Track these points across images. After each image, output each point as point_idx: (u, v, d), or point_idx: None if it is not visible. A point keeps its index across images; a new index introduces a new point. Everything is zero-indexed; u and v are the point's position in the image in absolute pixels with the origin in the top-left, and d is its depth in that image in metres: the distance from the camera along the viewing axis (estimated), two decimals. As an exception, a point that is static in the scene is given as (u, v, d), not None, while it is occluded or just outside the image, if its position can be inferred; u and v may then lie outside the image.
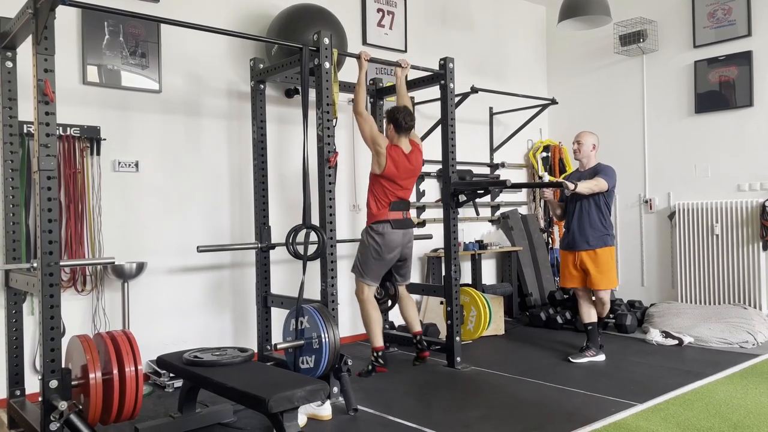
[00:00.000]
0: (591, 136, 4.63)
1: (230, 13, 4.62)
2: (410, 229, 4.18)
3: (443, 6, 6.09)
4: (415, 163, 4.15)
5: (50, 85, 2.73)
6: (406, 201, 4.15)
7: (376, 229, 4.04)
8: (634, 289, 6.24)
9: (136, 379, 2.81)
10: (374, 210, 4.06)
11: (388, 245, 4.04)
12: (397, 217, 4.06)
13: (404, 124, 4.06)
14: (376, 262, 4.08)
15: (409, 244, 4.20)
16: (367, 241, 4.08)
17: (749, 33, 5.49)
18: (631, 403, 3.46)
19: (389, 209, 4.04)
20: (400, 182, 4.07)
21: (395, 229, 4.04)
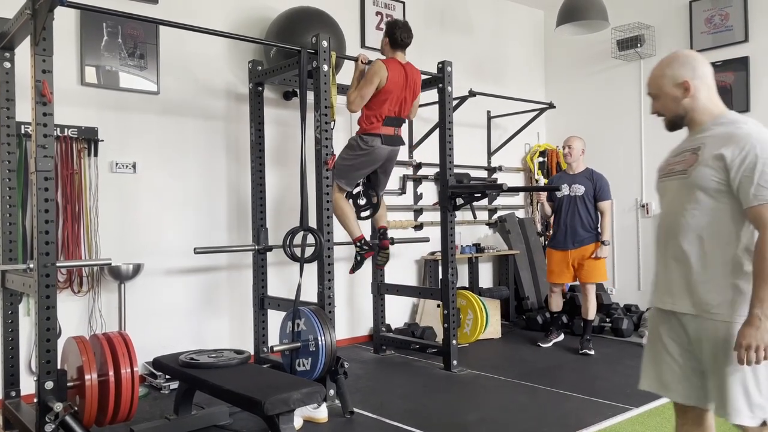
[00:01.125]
0: (580, 140, 5.03)
1: (229, 15, 4.62)
2: (398, 146, 4.15)
3: (442, 9, 6.11)
4: (412, 76, 4.06)
5: (48, 85, 2.73)
6: (400, 118, 4.09)
7: (366, 140, 4.00)
8: (630, 294, 6.25)
9: (132, 381, 2.81)
10: (366, 123, 4.00)
11: (373, 158, 4.05)
12: (388, 133, 4.03)
13: (400, 39, 3.99)
14: (356, 171, 4.08)
15: (392, 160, 4.18)
16: (354, 146, 4.05)
17: (746, 39, 5.51)
18: (627, 407, 3.46)
19: (382, 124, 3.99)
20: (399, 96, 3.98)
21: (384, 145, 4.02)
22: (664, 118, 2.02)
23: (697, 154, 1.87)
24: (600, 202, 4.93)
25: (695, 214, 1.87)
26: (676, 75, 1.95)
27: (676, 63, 1.96)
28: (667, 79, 1.96)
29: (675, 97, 1.95)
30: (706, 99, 1.94)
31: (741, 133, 1.82)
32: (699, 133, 1.94)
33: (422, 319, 5.58)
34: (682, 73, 1.94)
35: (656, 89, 2.00)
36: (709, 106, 1.94)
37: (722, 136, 1.85)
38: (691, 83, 1.92)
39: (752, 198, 1.75)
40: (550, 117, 6.76)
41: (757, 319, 1.72)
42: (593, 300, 4.97)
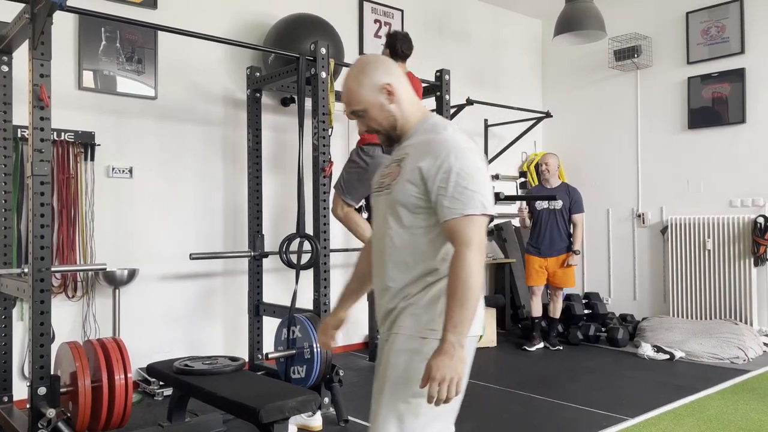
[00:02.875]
0: (555, 157, 5.55)
1: (228, 21, 4.63)
2: None
3: (440, 18, 6.13)
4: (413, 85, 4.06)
5: (46, 90, 2.72)
6: None
7: (367, 151, 3.97)
8: (626, 303, 6.26)
9: (126, 387, 2.79)
10: (366, 135, 3.96)
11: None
12: None
13: (401, 51, 3.98)
14: (360, 183, 4.02)
15: None
16: (356, 161, 4.02)
17: (742, 50, 5.54)
18: (622, 418, 3.46)
19: None
20: None
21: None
22: (379, 134, 1.77)
23: (401, 166, 1.68)
24: (573, 214, 5.35)
25: (400, 234, 1.65)
26: (374, 81, 1.70)
27: (369, 68, 1.72)
28: (366, 88, 1.70)
29: (381, 105, 1.71)
30: (408, 102, 1.74)
31: (438, 140, 1.65)
32: (405, 140, 1.75)
33: (418, 327, 5.56)
34: (380, 77, 1.70)
35: (358, 104, 1.72)
36: (412, 109, 1.74)
37: (422, 144, 1.67)
38: (392, 86, 1.70)
39: (446, 211, 1.57)
40: (547, 126, 6.79)
41: (450, 347, 1.50)
42: (561, 302, 5.47)
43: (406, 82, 1.76)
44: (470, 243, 1.55)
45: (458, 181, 1.57)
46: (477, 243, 1.55)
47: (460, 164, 1.58)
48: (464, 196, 1.56)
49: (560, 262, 5.32)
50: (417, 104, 1.77)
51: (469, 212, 1.56)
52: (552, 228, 5.33)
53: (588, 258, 6.58)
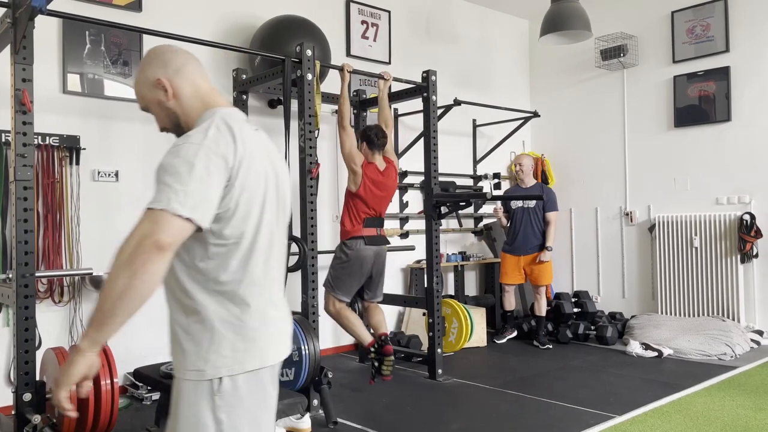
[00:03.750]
0: (529, 158, 5.63)
1: (213, 24, 4.61)
2: (383, 246, 4.14)
3: (427, 19, 6.14)
4: (390, 180, 4.13)
5: (28, 94, 2.70)
6: (380, 218, 4.12)
7: (350, 245, 4.00)
8: (614, 301, 6.29)
9: (112, 393, 2.79)
10: (348, 226, 4.02)
11: (360, 261, 4.00)
12: (370, 234, 4.03)
13: (377, 140, 4.04)
14: (349, 278, 4.03)
15: (381, 261, 4.14)
16: (340, 257, 4.04)
17: (727, 49, 5.59)
18: (609, 415, 3.48)
19: (363, 225, 4.01)
20: (376, 200, 4.04)
21: (368, 246, 4.01)
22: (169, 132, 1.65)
23: None
24: (547, 212, 5.47)
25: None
26: (148, 76, 1.55)
27: (145, 63, 1.57)
28: (143, 84, 1.57)
29: (160, 102, 1.57)
30: (190, 97, 1.56)
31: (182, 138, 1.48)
32: None
33: (408, 328, 5.58)
34: (153, 72, 1.54)
35: (141, 101, 1.61)
36: (194, 104, 1.56)
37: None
38: (166, 81, 1.53)
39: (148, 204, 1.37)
40: (535, 125, 6.81)
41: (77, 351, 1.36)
42: (544, 299, 5.50)
43: (192, 71, 1.58)
44: (133, 239, 1.34)
45: (159, 175, 1.40)
46: (143, 243, 1.32)
47: (170, 158, 1.41)
48: (157, 190, 1.38)
49: (534, 260, 5.44)
50: (201, 98, 1.57)
51: (152, 206, 1.35)
52: (526, 226, 5.46)
53: (577, 257, 6.61)
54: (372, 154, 4.05)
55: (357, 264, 3.99)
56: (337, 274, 4.04)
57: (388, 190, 4.13)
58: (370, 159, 4.05)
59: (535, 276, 5.47)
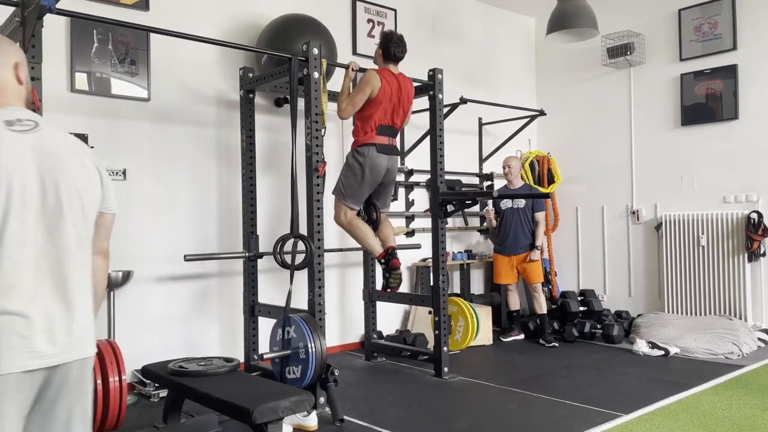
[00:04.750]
0: (517, 160, 5.77)
1: (220, 22, 4.63)
2: (395, 156, 4.12)
3: (433, 17, 6.13)
4: (405, 87, 4.06)
5: (36, 93, 2.72)
6: (394, 128, 4.07)
7: (362, 152, 3.97)
8: (621, 300, 6.28)
9: (120, 390, 2.80)
10: (360, 134, 3.98)
11: (372, 169, 3.97)
12: (383, 142, 3.99)
13: (393, 54, 4.00)
14: (360, 186, 4.01)
15: (393, 170, 4.13)
16: (351, 164, 4.02)
17: (734, 47, 5.56)
18: (616, 414, 3.47)
19: (376, 133, 3.96)
20: (392, 106, 3.97)
21: (380, 153, 3.98)
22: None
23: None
24: (535, 213, 5.58)
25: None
26: None
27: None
28: None
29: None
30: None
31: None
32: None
33: (414, 326, 5.58)
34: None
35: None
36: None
37: None
38: None
39: None
40: (541, 124, 6.80)
41: None
42: (541, 296, 5.57)
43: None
44: None
45: None
46: None
47: None
48: None
49: (525, 259, 5.56)
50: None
51: None
52: (516, 226, 5.56)
53: (583, 255, 6.60)
54: (385, 63, 4.02)
55: (369, 171, 3.98)
56: (348, 182, 4.02)
57: (402, 96, 4.04)
58: (382, 66, 4.01)
59: (527, 275, 5.57)
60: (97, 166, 1.66)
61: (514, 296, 5.74)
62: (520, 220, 5.56)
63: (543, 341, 5.43)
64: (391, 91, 3.96)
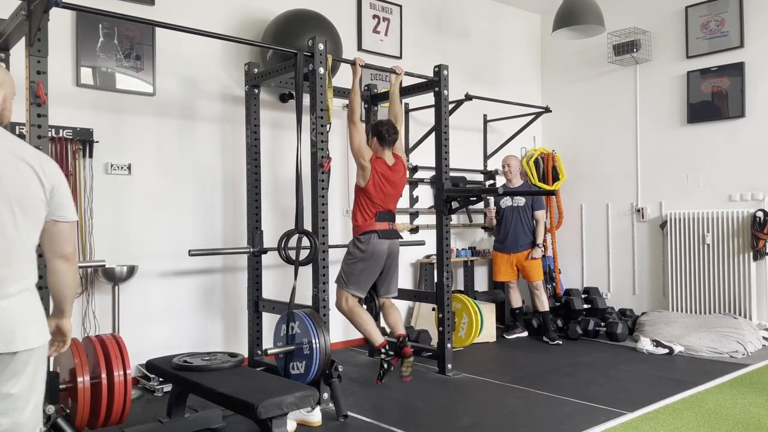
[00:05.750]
0: (516, 159, 5.76)
1: (226, 17, 4.62)
2: (396, 239, 4.13)
3: (438, 13, 6.12)
4: (399, 175, 4.11)
5: (43, 87, 2.72)
6: (391, 212, 4.10)
7: (363, 239, 3.97)
8: (625, 298, 6.26)
9: (125, 384, 2.80)
10: (360, 221, 4.00)
11: (374, 255, 3.97)
12: (383, 228, 4.01)
13: (387, 136, 4.02)
14: (363, 273, 4.00)
15: (394, 255, 4.12)
16: (353, 252, 4.01)
17: (742, 44, 5.53)
18: (620, 412, 3.46)
19: (375, 220, 3.99)
20: (385, 196, 4.02)
21: (381, 239, 3.99)
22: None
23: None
24: (535, 211, 5.60)
25: None
26: None
27: None
28: None
29: None
30: None
31: None
32: None
33: (417, 323, 5.58)
34: None
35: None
36: None
37: None
38: None
39: None
40: (546, 121, 6.78)
41: None
42: (543, 294, 5.59)
43: None
44: None
45: None
46: None
47: None
48: None
49: (526, 257, 5.58)
50: None
51: None
52: (516, 224, 5.59)
53: (587, 253, 6.58)
54: (382, 149, 4.03)
55: (371, 258, 3.97)
56: (350, 269, 4.01)
57: (397, 186, 4.11)
58: (379, 154, 4.03)
59: (528, 272, 5.57)
60: (40, 174, 1.78)
61: (516, 293, 5.76)
62: (520, 218, 5.58)
63: (547, 339, 5.42)
64: (381, 182, 3.97)
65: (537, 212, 5.60)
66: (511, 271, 5.66)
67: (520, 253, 5.59)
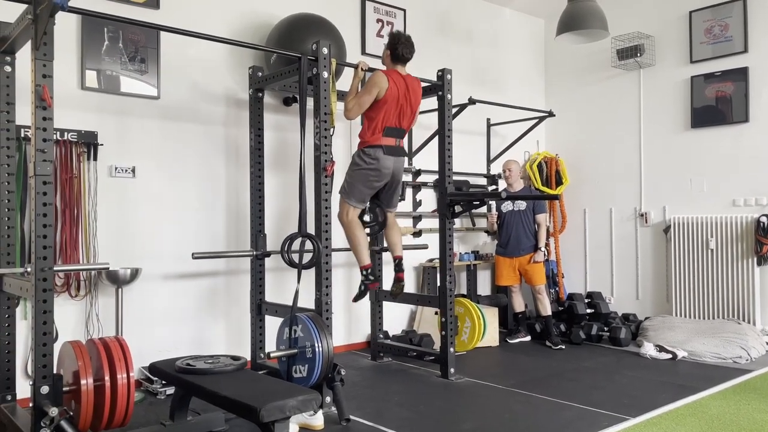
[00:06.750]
0: (517, 163, 5.76)
1: (230, 21, 4.63)
2: (402, 157, 4.11)
3: (442, 17, 6.13)
4: (413, 88, 4.04)
5: (48, 90, 2.73)
6: (401, 129, 4.05)
7: (368, 152, 3.96)
8: (628, 303, 6.25)
9: (128, 387, 2.80)
10: (367, 136, 3.97)
11: (378, 170, 3.96)
12: (389, 143, 3.98)
13: (401, 54, 3.98)
14: (364, 186, 4.01)
15: (399, 171, 4.11)
16: (358, 163, 4.01)
17: (745, 49, 5.53)
18: (623, 417, 3.46)
19: (383, 134, 3.95)
20: (399, 108, 3.96)
21: (387, 155, 3.97)
22: None
23: None
24: (537, 215, 5.61)
25: None
26: None
27: None
28: None
29: None
30: None
31: None
32: None
33: (420, 327, 5.58)
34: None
35: None
36: None
37: None
38: None
39: None
40: (549, 125, 6.78)
41: None
42: (545, 298, 5.59)
43: None
44: None
45: None
46: None
47: None
48: None
49: (528, 261, 5.59)
50: None
51: None
52: (518, 228, 5.60)
53: (590, 257, 6.57)
54: (393, 63, 4.01)
55: (374, 172, 3.97)
56: (352, 180, 4.03)
57: (410, 98, 4.02)
58: (390, 67, 4.00)
59: (530, 276, 5.59)
60: None
61: (518, 298, 5.77)
62: (522, 222, 5.59)
63: (549, 343, 5.41)
64: (398, 92, 3.94)
65: (538, 216, 5.61)
66: (513, 275, 5.66)
67: (523, 257, 5.60)
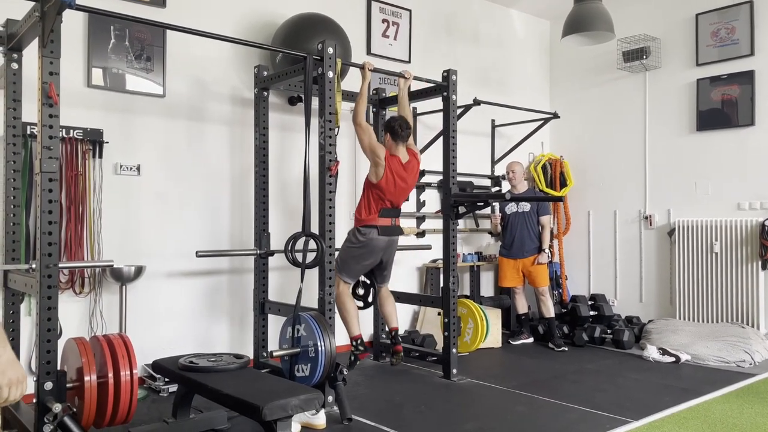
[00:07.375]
0: (520, 165, 5.74)
1: (236, 20, 4.64)
2: (396, 236, 4.18)
3: (448, 18, 6.13)
4: (412, 173, 4.15)
5: (55, 87, 2.74)
6: (398, 208, 4.14)
7: (363, 232, 4.03)
8: (632, 305, 6.24)
9: (131, 384, 2.81)
10: (363, 215, 4.06)
11: (370, 249, 4.05)
12: (385, 224, 4.06)
13: (400, 131, 4.05)
14: (356, 263, 4.10)
15: (391, 251, 4.20)
16: (351, 242, 4.09)
17: (752, 52, 5.51)
18: (626, 420, 3.45)
19: (379, 215, 4.03)
20: (396, 192, 4.06)
21: (381, 236, 4.04)
22: None
23: None
24: (541, 216, 5.60)
25: None
26: None
27: None
28: None
29: None
30: None
31: None
32: None
33: (423, 327, 5.57)
34: None
35: None
36: None
37: None
38: None
39: None
40: (554, 127, 6.77)
41: None
42: (549, 300, 5.60)
43: None
44: None
45: None
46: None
47: None
48: None
49: (532, 262, 5.57)
50: None
51: None
52: (522, 229, 5.59)
53: (594, 259, 6.56)
54: (396, 146, 4.06)
55: (367, 251, 4.06)
56: (345, 256, 4.11)
57: (408, 183, 4.15)
58: (393, 151, 4.06)
59: (533, 278, 5.58)
60: None
61: (522, 299, 5.75)
62: (526, 223, 5.58)
63: (552, 345, 5.40)
64: (394, 180, 4.02)
65: (542, 217, 5.60)
66: (517, 276, 5.65)
67: (526, 259, 5.59)
